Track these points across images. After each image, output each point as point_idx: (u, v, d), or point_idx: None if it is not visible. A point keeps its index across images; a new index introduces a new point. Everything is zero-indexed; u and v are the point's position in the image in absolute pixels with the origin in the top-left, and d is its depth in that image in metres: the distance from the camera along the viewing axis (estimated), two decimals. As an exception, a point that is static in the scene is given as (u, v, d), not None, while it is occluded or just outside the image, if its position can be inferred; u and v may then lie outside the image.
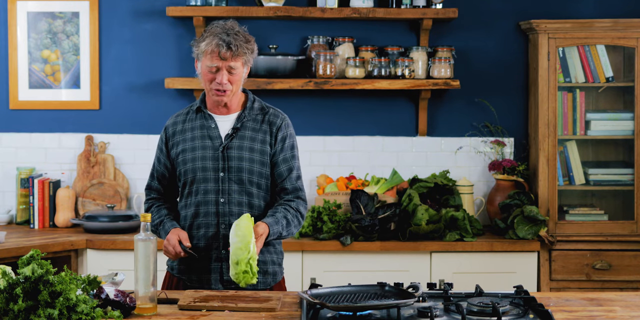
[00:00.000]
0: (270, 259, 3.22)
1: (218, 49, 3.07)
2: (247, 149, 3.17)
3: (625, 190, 4.63)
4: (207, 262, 3.18)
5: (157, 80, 4.88)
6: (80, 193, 4.83)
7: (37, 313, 2.48)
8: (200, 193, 3.18)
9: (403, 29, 4.88)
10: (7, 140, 4.91)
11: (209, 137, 3.20)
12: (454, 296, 2.87)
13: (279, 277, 3.26)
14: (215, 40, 3.08)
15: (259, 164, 3.17)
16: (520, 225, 4.42)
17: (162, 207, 3.29)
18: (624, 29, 4.52)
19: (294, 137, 3.27)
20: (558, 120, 4.57)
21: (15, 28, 4.85)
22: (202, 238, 3.18)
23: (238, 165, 3.16)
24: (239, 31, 3.12)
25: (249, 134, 3.19)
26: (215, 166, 3.17)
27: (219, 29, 3.11)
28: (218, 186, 3.16)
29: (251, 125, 3.21)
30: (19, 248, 4.18)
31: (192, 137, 3.22)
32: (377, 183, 4.70)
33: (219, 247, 3.17)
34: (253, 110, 3.23)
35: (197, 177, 3.18)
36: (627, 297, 2.96)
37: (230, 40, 3.07)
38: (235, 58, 3.09)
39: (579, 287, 4.44)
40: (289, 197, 3.21)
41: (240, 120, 3.20)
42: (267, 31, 4.87)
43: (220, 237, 3.16)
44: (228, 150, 3.17)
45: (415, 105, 4.89)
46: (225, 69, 3.10)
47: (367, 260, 4.37)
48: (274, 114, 3.25)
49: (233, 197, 3.16)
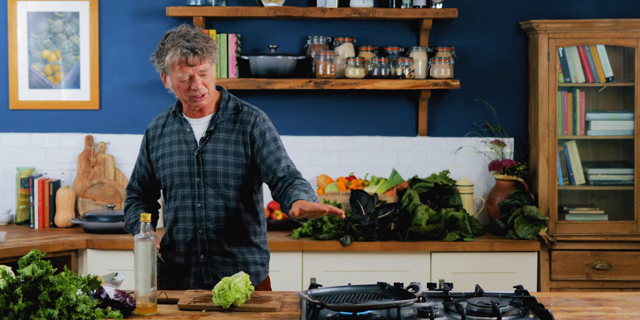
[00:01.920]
0: (252, 259, 3.20)
1: (185, 57, 3.01)
2: (221, 152, 3.13)
3: (625, 190, 4.63)
4: (187, 266, 3.18)
5: (157, 80, 4.87)
6: (80, 193, 4.83)
7: (37, 313, 2.48)
8: (178, 198, 3.17)
9: (403, 29, 4.88)
10: (7, 140, 4.91)
11: (185, 142, 3.17)
12: (454, 296, 2.87)
13: (262, 277, 3.24)
14: (179, 50, 3.01)
15: (234, 166, 3.13)
16: (520, 225, 4.42)
17: (139, 207, 3.30)
18: (624, 29, 4.52)
19: (274, 130, 3.19)
20: (558, 120, 4.57)
21: (15, 28, 4.85)
22: (181, 243, 3.18)
23: (213, 169, 3.13)
24: (196, 33, 3.07)
25: (222, 136, 3.15)
26: (191, 171, 3.15)
27: (177, 37, 3.04)
28: (195, 191, 3.14)
29: (225, 127, 3.16)
30: (19, 248, 4.18)
31: (170, 141, 3.19)
32: (377, 183, 4.70)
33: (197, 252, 3.16)
34: (227, 110, 3.18)
35: (175, 182, 3.17)
36: (627, 297, 2.96)
37: (193, 45, 3.01)
38: (203, 60, 3.04)
39: (579, 287, 4.44)
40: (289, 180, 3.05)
41: (214, 122, 3.16)
42: (267, 31, 4.87)
43: (199, 241, 3.15)
44: (203, 154, 3.14)
45: (415, 105, 4.89)
46: (197, 74, 3.05)
47: (367, 260, 4.37)
48: (248, 112, 3.18)
49: (209, 202, 3.14)
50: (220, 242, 3.15)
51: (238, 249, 3.17)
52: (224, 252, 3.16)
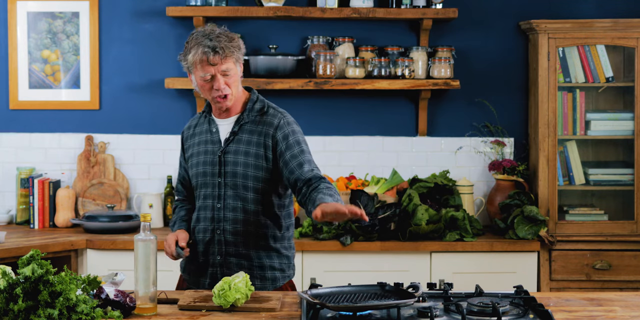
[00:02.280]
0: (269, 263, 3.17)
1: (206, 57, 3.02)
2: (243, 153, 3.12)
3: (625, 190, 4.63)
4: (205, 266, 3.18)
5: (157, 80, 4.88)
6: (80, 193, 4.83)
7: (37, 313, 2.48)
8: (201, 198, 3.18)
9: (403, 29, 4.88)
10: (7, 140, 4.91)
11: (211, 142, 3.18)
12: (454, 296, 2.87)
13: (280, 283, 3.19)
14: (200, 49, 3.02)
15: (254, 168, 3.11)
16: (520, 225, 4.42)
17: (183, 208, 3.33)
18: (624, 29, 4.52)
19: (299, 133, 3.14)
20: (558, 120, 4.57)
21: (15, 28, 4.85)
22: (201, 242, 3.18)
23: (233, 171, 3.12)
24: (220, 33, 3.07)
25: (245, 138, 3.14)
26: (213, 171, 3.15)
27: (200, 36, 3.05)
28: (215, 191, 3.15)
29: (249, 128, 3.15)
30: (19, 248, 4.18)
31: (199, 141, 3.21)
32: (377, 183, 4.70)
33: (214, 253, 3.16)
34: (252, 112, 3.17)
35: (199, 182, 3.18)
36: (627, 297, 2.96)
37: (215, 44, 3.01)
38: (225, 60, 3.04)
39: (579, 287, 4.44)
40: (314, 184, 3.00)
41: (239, 123, 3.16)
42: (267, 31, 4.87)
43: (216, 242, 3.15)
44: (225, 155, 3.14)
45: (415, 105, 4.89)
46: (219, 73, 3.05)
47: (367, 260, 4.37)
48: (272, 114, 3.17)
49: (228, 203, 3.13)
50: (237, 244, 3.13)
51: (255, 252, 3.14)
52: (239, 255, 3.14)
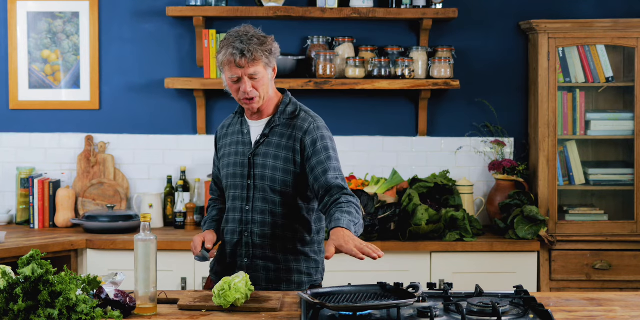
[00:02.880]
0: (296, 267, 3.15)
1: (233, 58, 3.00)
2: (272, 157, 3.10)
3: (625, 190, 4.63)
4: (232, 268, 3.17)
5: (157, 80, 4.88)
6: (80, 193, 4.83)
7: (37, 313, 2.48)
8: (231, 199, 3.17)
9: (403, 29, 4.88)
10: (7, 140, 4.91)
11: (242, 143, 3.16)
12: (454, 296, 2.87)
13: (305, 287, 3.15)
14: (230, 50, 3.00)
15: (282, 172, 3.08)
16: (520, 225, 4.42)
17: (215, 208, 3.33)
18: (624, 29, 4.52)
19: (328, 139, 3.10)
20: (558, 120, 4.57)
21: (15, 28, 4.85)
22: (229, 244, 3.17)
23: (262, 173, 3.10)
24: (253, 35, 3.04)
25: (275, 141, 3.11)
26: (243, 173, 3.13)
27: (233, 37, 3.03)
28: (244, 193, 3.13)
29: (279, 131, 3.11)
30: (19, 248, 4.18)
31: (230, 142, 3.20)
32: (377, 183, 4.69)
33: (242, 255, 3.14)
34: (284, 115, 3.13)
35: (229, 183, 3.17)
36: (627, 297, 2.96)
37: (243, 47, 2.99)
38: (253, 63, 3.01)
39: (579, 287, 4.44)
40: (335, 197, 2.99)
41: (270, 126, 3.12)
42: (267, 31, 4.79)
43: (243, 244, 3.13)
44: (255, 157, 3.11)
45: (415, 105, 4.89)
46: (246, 76, 3.02)
47: (367, 260, 4.35)
48: (303, 118, 3.12)
49: (257, 205, 3.11)
50: (264, 246, 3.11)
51: (282, 255, 3.12)
52: (267, 257, 3.12)
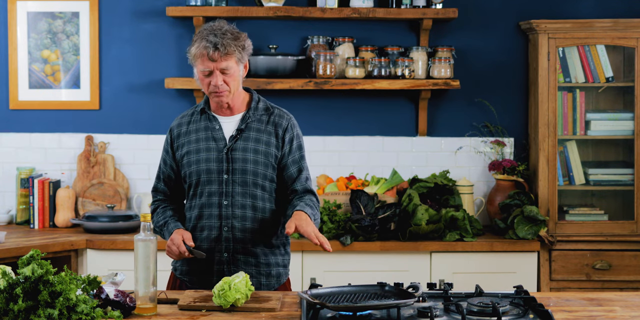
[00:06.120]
0: (275, 261, 3.20)
1: (206, 51, 3.03)
2: (252, 151, 3.14)
3: (625, 190, 4.64)
4: (210, 264, 3.17)
5: (157, 80, 4.88)
6: (80, 193, 4.83)
7: (37, 313, 2.48)
8: (205, 195, 3.16)
9: (403, 29, 4.88)
10: (7, 140, 4.91)
11: (213, 139, 3.17)
12: (454, 296, 2.87)
13: (284, 279, 3.23)
14: (203, 43, 3.03)
15: (263, 166, 3.14)
16: (520, 225, 4.42)
17: (167, 208, 3.27)
18: (624, 29, 4.52)
19: (301, 137, 3.24)
20: (558, 120, 4.57)
21: (15, 28, 4.85)
22: (205, 240, 3.16)
23: (242, 167, 3.13)
24: (227, 30, 3.07)
25: (253, 135, 3.16)
26: (219, 168, 3.14)
27: (206, 31, 3.07)
28: (222, 188, 3.14)
29: (256, 126, 3.18)
30: (19, 248, 4.18)
31: (197, 138, 3.19)
32: (377, 183, 4.70)
33: (221, 250, 3.15)
34: (258, 111, 3.20)
35: (202, 179, 3.16)
36: (627, 297, 2.96)
37: (217, 41, 3.02)
38: (225, 57, 3.05)
39: (579, 287, 4.44)
40: (300, 195, 3.19)
41: (245, 121, 3.17)
42: (267, 31, 4.87)
43: (223, 239, 3.14)
44: (232, 152, 3.14)
45: (415, 105, 4.90)
46: (217, 70, 3.06)
47: (367, 260, 4.37)
48: (279, 114, 3.22)
49: (236, 200, 3.13)
50: (245, 241, 3.14)
51: (262, 249, 3.16)
52: (247, 252, 3.15)
